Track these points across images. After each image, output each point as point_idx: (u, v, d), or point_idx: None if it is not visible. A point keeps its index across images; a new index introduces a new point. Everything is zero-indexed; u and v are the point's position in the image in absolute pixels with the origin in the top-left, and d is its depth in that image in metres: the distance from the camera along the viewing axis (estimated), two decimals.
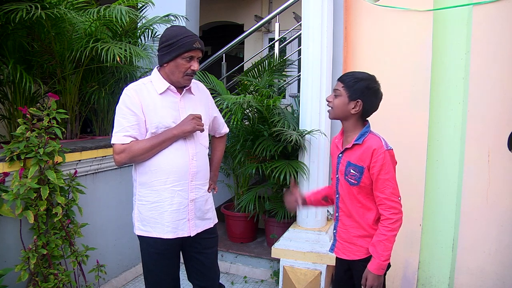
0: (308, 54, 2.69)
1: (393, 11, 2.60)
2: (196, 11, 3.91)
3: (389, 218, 1.52)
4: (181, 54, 1.63)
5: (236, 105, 2.92)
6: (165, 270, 1.74)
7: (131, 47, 2.78)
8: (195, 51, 1.65)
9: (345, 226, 1.66)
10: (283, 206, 3.12)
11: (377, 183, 1.54)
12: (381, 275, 1.54)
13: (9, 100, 2.79)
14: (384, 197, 1.53)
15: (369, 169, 1.54)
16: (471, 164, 2.46)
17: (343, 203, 1.66)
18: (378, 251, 1.52)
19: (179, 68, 1.65)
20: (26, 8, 2.25)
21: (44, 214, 2.14)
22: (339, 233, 1.69)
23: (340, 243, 1.69)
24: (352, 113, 1.55)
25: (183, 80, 1.68)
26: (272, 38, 4.98)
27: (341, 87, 1.56)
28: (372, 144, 1.54)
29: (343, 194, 1.64)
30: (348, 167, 1.58)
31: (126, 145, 1.62)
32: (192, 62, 1.66)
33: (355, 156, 1.57)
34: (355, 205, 1.61)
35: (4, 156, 2.00)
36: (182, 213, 1.70)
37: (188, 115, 1.67)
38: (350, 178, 1.59)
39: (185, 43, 1.62)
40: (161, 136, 1.64)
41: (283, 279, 2.61)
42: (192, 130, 1.66)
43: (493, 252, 2.45)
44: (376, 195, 1.56)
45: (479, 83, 2.42)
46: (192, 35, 1.65)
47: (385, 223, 1.53)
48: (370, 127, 1.59)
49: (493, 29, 2.38)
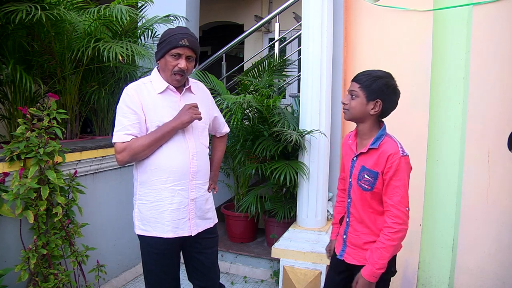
0: (308, 54, 2.69)
1: (393, 11, 2.60)
2: (196, 11, 3.91)
3: (391, 227, 1.45)
4: (168, 51, 1.64)
5: (236, 105, 2.92)
6: (165, 270, 1.74)
7: (133, 45, 2.78)
8: (181, 48, 1.63)
9: (356, 232, 1.60)
10: (283, 206, 3.14)
11: (387, 188, 1.47)
12: (373, 283, 1.48)
13: (9, 100, 2.79)
14: (391, 204, 1.46)
15: (383, 174, 1.48)
16: (471, 164, 2.46)
17: (354, 208, 1.60)
18: (374, 258, 1.47)
19: (167, 66, 1.66)
20: (26, 9, 2.25)
21: (44, 214, 2.14)
22: (350, 239, 1.62)
23: (351, 249, 1.62)
24: (371, 113, 1.49)
25: (171, 79, 1.67)
26: (272, 38, 4.98)
27: (357, 87, 1.48)
28: (388, 149, 1.47)
29: (355, 199, 1.58)
30: (362, 172, 1.52)
31: (127, 143, 1.62)
32: (179, 60, 1.64)
33: (370, 161, 1.50)
34: (367, 210, 1.55)
35: (4, 156, 2.00)
36: (182, 213, 1.70)
37: (184, 106, 1.67)
38: (363, 183, 1.52)
39: (172, 40, 1.63)
40: (160, 130, 1.63)
41: (283, 279, 2.61)
42: (190, 120, 1.64)
43: (493, 252, 2.45)
44: (384, 201, 1.50)
45: (479, 83, 2.42)
46: (182, 33, 1.64)
47: (385, 231, 1.47)
48: (386, 129, 1.53)
49: (493, 29, 2.38)
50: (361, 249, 1.58)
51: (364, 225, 1.57)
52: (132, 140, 1.62)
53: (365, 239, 1.57)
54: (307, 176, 2.74)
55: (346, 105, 1.53)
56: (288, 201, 3.18)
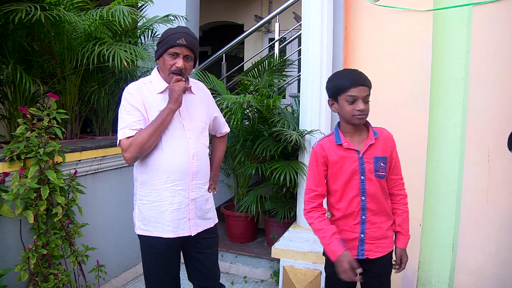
0: (308, 54, 2.69)
1: (393, 11, 2.60)
2: (196, 11, 3.92)
3: (406, 195, 1.68)
4: (166, 50, 1.64)
5: (236, 105, 2.92)
6: (165, 269, 1.74)
7: (135, 49, 2.78)
8: (179, 47, 1.63)
9: (375, 225, 1.61)
10: (283, 206, 3.14)
11: (395, 166, 1.64)
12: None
13: (9, 100, 2.78)
14: (399, 177, 1.66)
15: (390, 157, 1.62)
16: (471, 164, 2.46)
17: (373, 202, 1.59)
18: (405, 227, 1.65)
19: (165, 65, 1.66)
20: (26, 9, 2.25)
21: (44, 214, 2.14)
22: (369, 235, 1.61)
23: (372, 244, 1.62)
24: None
25: (169, 78, 1.67)
26: (272, 38, 4.98)
27: (368, 91, 1.54)
28: (385, 133, 1.62)
29: (374, 193, 1.58)
30: (378, 162, 1.58)
31: (132, 138, 1.61)
32: (177, 59, 1.64)
33: (378, 150, 1.59)
34: (387, 197, 1.65)
35: (4, 156, 2.00)
36: (182, 213, 1.70)
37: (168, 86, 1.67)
38: (381, 172, 1.59)
39: (169, 39, 1.63)
40: (159, 116, 1.62)
41: (283, 279, 2.61)
42: (179, 89, 1.61)
43: (493, 252, 2.45)
44: (390, 178, 1.65)
45: (479, 83, 2.42)
46: (180, 32, 1.64)
47: (404, 201, 1.67)
48: None
49: (493, 29, 2.38)
50: (383, 239, 1.63)
51: (382, 213, 1.63)
52: (136, 135, 1.61)
53: (385, 227, 1.64)
54: (307, 176, 2.73)
55: (366, 110, 1.54)
56: (288, 201, 3.19)
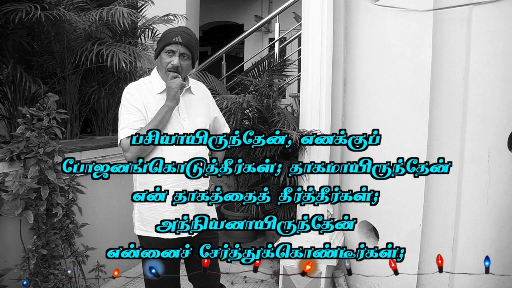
0: (308, 54, 2.69)
1: (393, 11, 2.60)
2: (196, 11, 3.92)
3: None
4: (163, 48, 1.65)
5: (236, 105, 2.92)
6: (165, 270, 1.74)
7: (134, 50, 2.78)
8: (175, 45, 1.63)
9: None
10: (283, 206, 3.13)
11: None
12: None
13: (9, 100, 2.79)
14: None
15: None
16: (471, 164, 2.46)
17: None
18: None
19: (162, 63, 1.67)
20: (26, 9, 2.25)
21: (44, 214, 2.14)
22: None
23: None
24: None
25: (166, 76, 1.66)
26: (272, 38, 4.98)
27: None
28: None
29: None
30: None
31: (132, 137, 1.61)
32: (173, 57, 1.65)
33: None
34: None
35: (4, 156, 2.00)
36: (182, 213, 1.70)
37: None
38: None
39: (166, 37, 1.64)
40: (157, 114, 1.62)
41: (283, 279, 2.61)
42: (176, 86, 1.60)
43: (493, 252, 2.45)
44: None
45: (479, 83, 2.42)
46: (177, 31, 1.65)
47: None
48: None
49: (493, 29, 2.38)
50: None
51: None
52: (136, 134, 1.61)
53: None
54: (307, 176, 2.74)
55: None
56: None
